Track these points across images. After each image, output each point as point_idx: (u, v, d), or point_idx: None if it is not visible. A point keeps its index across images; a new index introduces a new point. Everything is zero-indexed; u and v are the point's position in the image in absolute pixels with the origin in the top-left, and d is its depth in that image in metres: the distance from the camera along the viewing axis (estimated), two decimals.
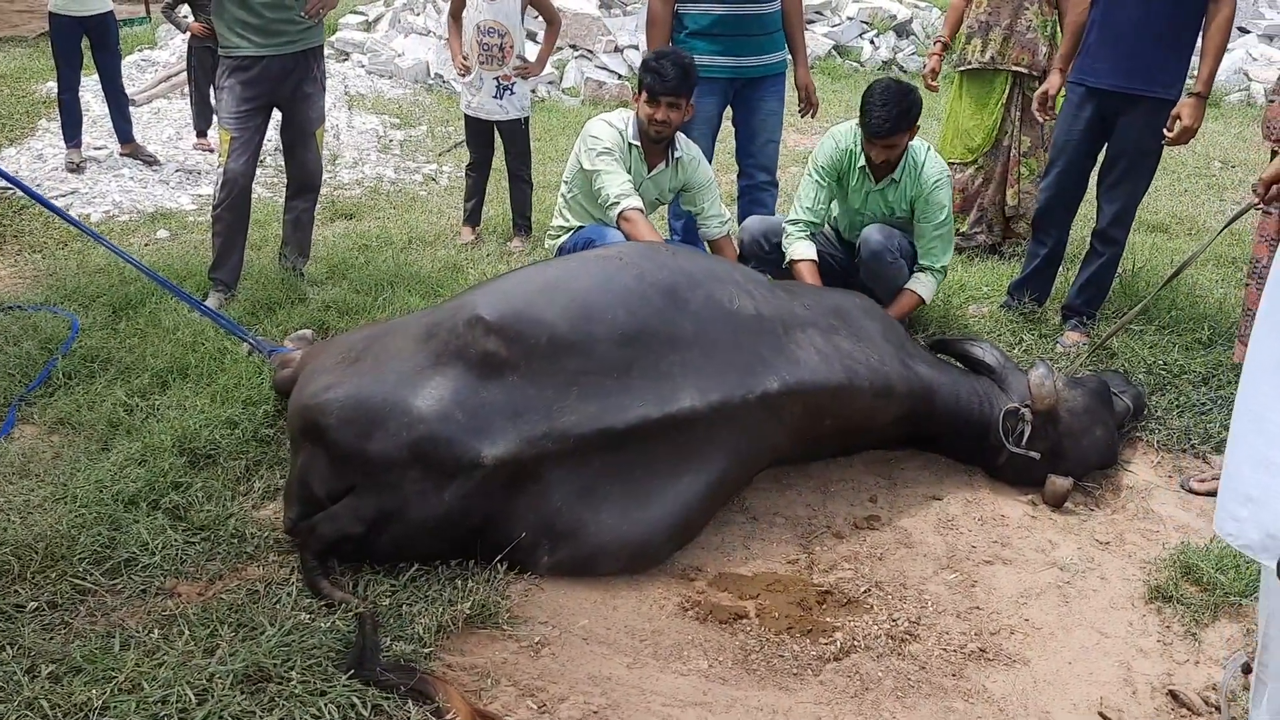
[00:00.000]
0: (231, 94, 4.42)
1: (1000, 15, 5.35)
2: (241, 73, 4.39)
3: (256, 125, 4.52)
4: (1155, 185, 7.29)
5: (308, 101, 4.58)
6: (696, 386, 3.00)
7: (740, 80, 4.70)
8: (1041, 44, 5.33)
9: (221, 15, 4.37)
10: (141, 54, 9.96)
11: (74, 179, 6.77)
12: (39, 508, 3.00)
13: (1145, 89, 4.17)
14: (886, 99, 4.01)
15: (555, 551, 2.89)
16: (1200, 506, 3.54)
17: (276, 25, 4.35)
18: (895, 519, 3.38)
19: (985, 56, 5.42)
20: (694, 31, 4.66)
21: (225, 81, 4.43)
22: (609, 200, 4.11)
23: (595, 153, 4.19)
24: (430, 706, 2.35)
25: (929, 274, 4.31)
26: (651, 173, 4.32)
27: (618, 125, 4.27)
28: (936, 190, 4.22)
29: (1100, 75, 4.28)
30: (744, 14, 4.60)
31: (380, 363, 3.01)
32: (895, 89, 4.04)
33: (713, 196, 4.45)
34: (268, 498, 3.23)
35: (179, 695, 2.28)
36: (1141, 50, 4.15)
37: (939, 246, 4.29)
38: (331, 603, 2.67)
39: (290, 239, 4.85)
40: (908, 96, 4.03)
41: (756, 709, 2.52)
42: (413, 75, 10.26)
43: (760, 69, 4.72)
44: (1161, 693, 2.67)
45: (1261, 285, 3.93)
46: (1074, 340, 4.45)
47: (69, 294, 4.58)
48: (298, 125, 4.62)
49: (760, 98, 4.76)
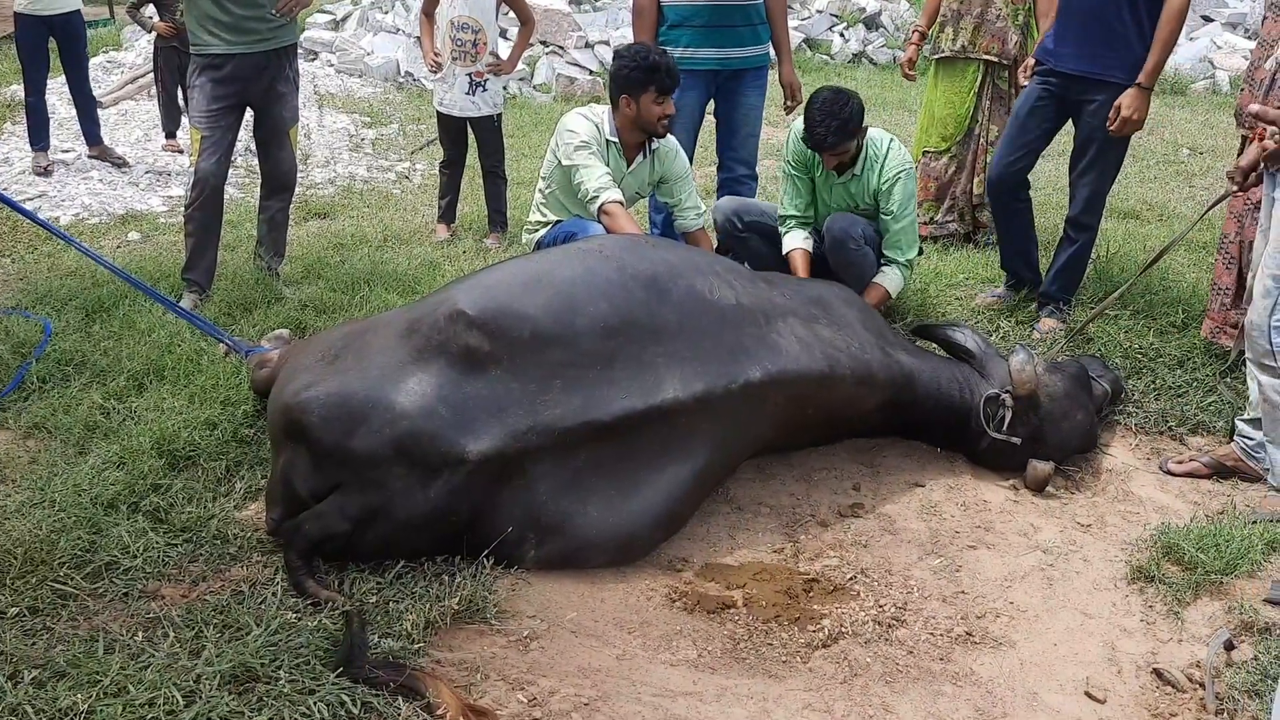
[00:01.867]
0: (203, 92, 4.37)
1: (971, 4, 5.39)
2: (213, 70, 4.35)
3: (229, 124, 4.47)
4: (1125, 173, 7.36)
5: (281, 101, 4.53)
6: (679, 377, 3.00)
7: (724, 73, 4.69)
8: (1012, 32, 5.38)
9: (192, 12, 4.33)
10: (107, 55, 9.85)
11: (41, 182, 6.69)
12: (16, 513, 2.95)
13: (1105, 74, 4.19)
14: (824, 113, 4.05)
15: (542, 545, 2.88)
16: (1178, 488, 3.58)
17: (248, 23, 4.31)
18: (879, 506, 3.40)
19: (956, 45, 5.46)
20: (676, 23, 4.64)
21: (196, 80, 4.38)
22: (589, 194, 4.09)
23: (573, 147, 4.15)
24: (420, 702, 2.34)
25: (895, 267, 4.33)
26: (631, 167, 4.31)
27: (594, 120, 4.23)
28: (896, 183, 4.24)
29: (1062, 59, 4.31)
30: (727, 5, 4.59)
31: (361, 360, 2.98)
32: (832, 102, 4.06)
33: (689, 188, 4.44)
34: (249, 498, 3.20)
35: (166, 697, 2.25)
36: (1102, 35, 4.18)
37: (903, 239, 4.32)
38: (318, 601, 2.65)
39: (265, 239, 4.80)
40: (845, 108, 4.04)
41: (746, 697, 2.53)
42: (383, 74, 10.21)
43: (742, 61, 4.71)
44: (1146, 671, 2.70)
45: (1230, 262, 4.01)
46: (1050, 326, 4.48)
47: (40, 298, 4.52)
48: (271, 124, 4.58)
49: (742, 91, 4.75)
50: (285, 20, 4.41)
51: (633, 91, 4.09)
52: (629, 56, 4.09)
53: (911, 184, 4.30)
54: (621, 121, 4.20)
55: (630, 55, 4.09)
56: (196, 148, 4.42)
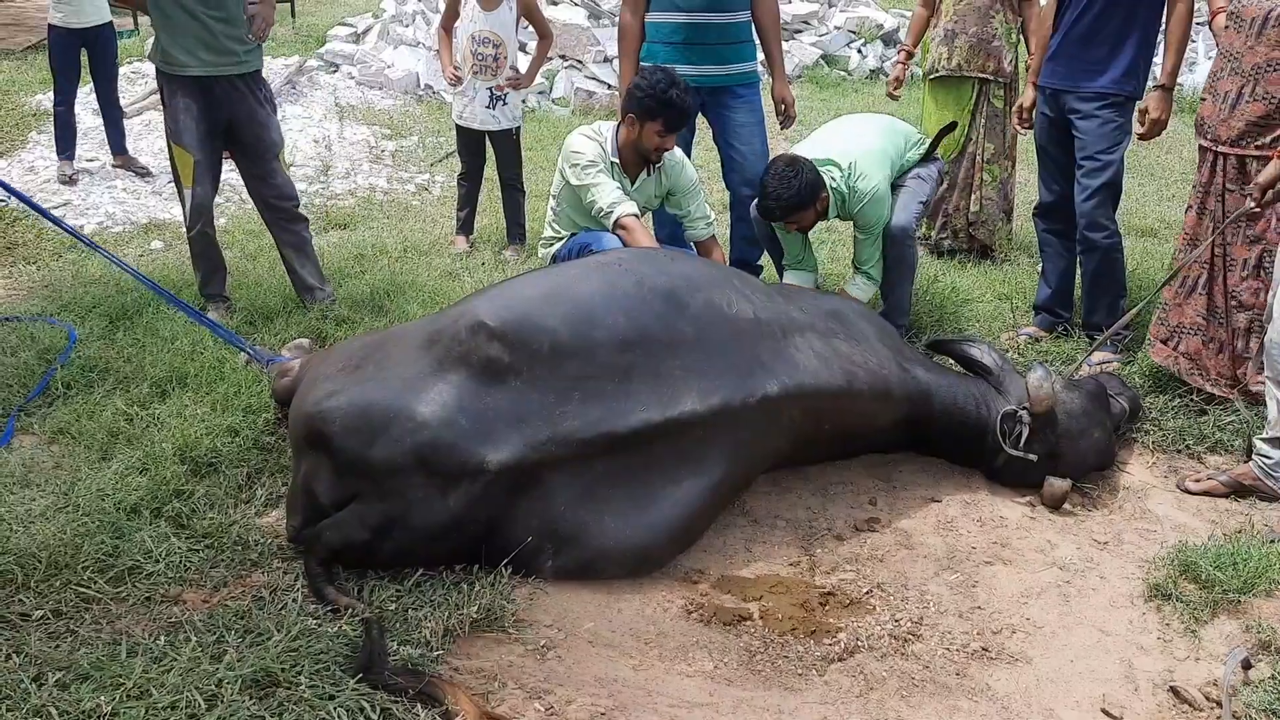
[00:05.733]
0: (190, 115, 4.29)
1: (966, 23, 5.43)
2: (200, 94, 4.29)
3: (216, 147, 4.45)
4: (1143, 190, 7.39)
5: (265, 127, 4.46)
6: (696, 390, 3.02)
7: (704, 90, 4.62)
8: (1006, 51, 5.42)
9: (168, 30, 4.23)
10: (131, 66, 9.95)
11: (66, 191, 6.76)
12: (41, 517, 2.99)
13: (1088, 85, 4.32)
14: (777, 189, 4.13)
15: (559, 556, 2.91)
16: (1196, 506, 3.57)
17: (227, 43, 4.26)
18: (895, 521, 3.41)
19: (952, 64, 5.50)
20: (655, 40, 4.63)
21: (180, 102, 4.30)
22: (603, 209, 4.10)
23: (580, 167, 4.16)
24: (439, 709, 2.36)
25: (864, 277, 4.45)
26: (635, 185, 4.32)
27: (597, 139, 4.21)
28: (866, 209, 4.32)
29: (1048, 76, 4.49)
30: (707, 23, 4.59)
31: (382, 370, 3.02)
32: (782, 176, 4.12)
33: (698, 199, 4.45)
34: (270, 505, 3.23)
35: (188, 700, 2.28)
36: (1081, 48, 4.32)
37: (873, 255, 4.41)
38: (337, 608, 2.67)
39: (301, 266, 4.67)
40: (795, 179, 4.11)
41: (763, 709, 2.53)
42: (403, 86, 10.27)
43: (722, 79, 4.64)
44: (1163, 689, 2.69)
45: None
46: (1102, 359, 4.42)
47: (65, 305, 4.58)
48: (261, 151, 4.48)
49: (729, 109, 4.68)
50: (256, 44, 4.37)
51: (640, 116, 4.09)
52: (650, 84, 4.04)
53: (880, 206, 4.34)
54: (623, 138, 4.20)
55: (651, 83, 4.04)
56: (189, 172, 4.35)
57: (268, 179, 4.54)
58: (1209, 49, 11.60)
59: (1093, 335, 4.48)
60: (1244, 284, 3.89)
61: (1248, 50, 3.75)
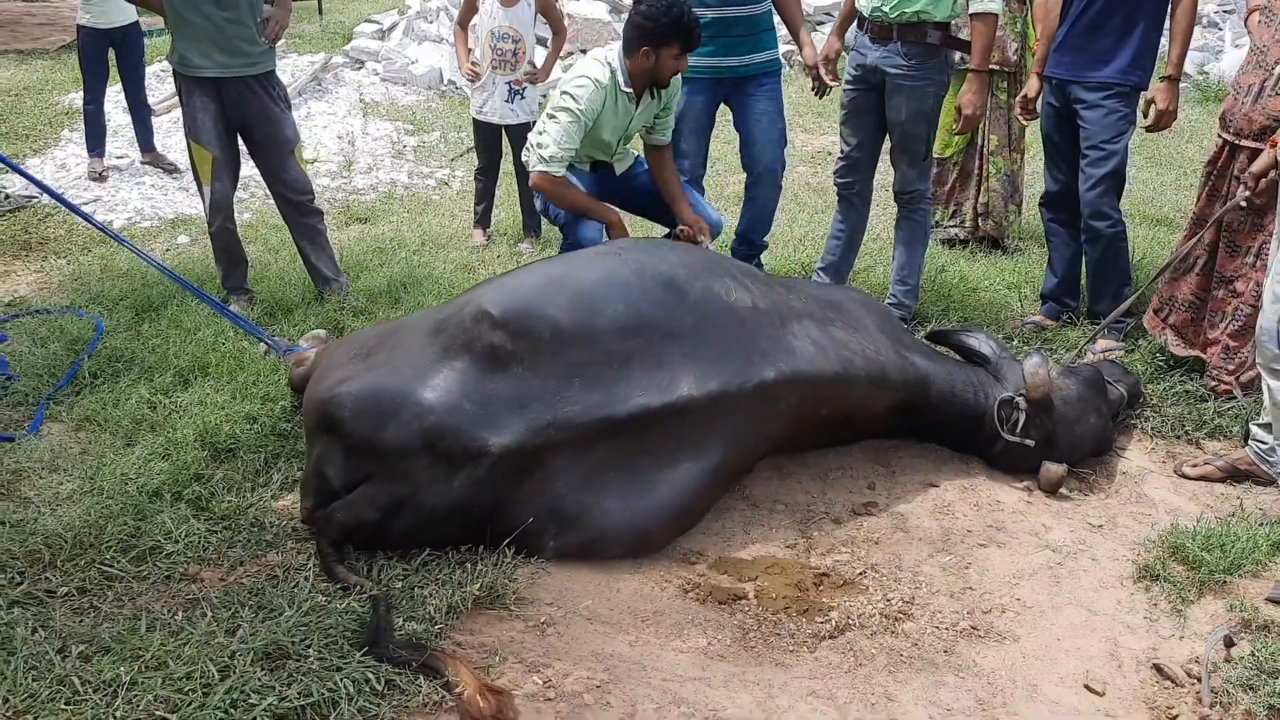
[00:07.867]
0: (207, 114, 4.43)
1: None
2: (216, 94, 4.43)
3: (234, 145, 4.59)
4: (1160, 179, 7.38)
5: (280, 124, 4.59)
6: (695, 376, 3.11)
7: (729, 80, 4.71)
8: (1011, 40, 5.43)
9: (184, 32, 4.37)
10: (161, 64, 10.13)
11: (96, 187, 6.94)
12: (67, 500, 3.14)
13: (1094, 75, 4.36)
14: None
15: (560, 536, 3.01)
16: (1192, 491, 3.62)
17: (240, 45, 4.39)
18: (892, 505, 3.48)
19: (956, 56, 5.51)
20: None
21: (196, 101, 4.43)
22: (543, 148, 4.10)
23: (570, 97, 4.12)
24: (440, 681, 2.47)
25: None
26: (639, 108, 4.32)
27: (604, 84, 4.16)
28: None
29: (1054, 66, 4.53)
30: (735, 16, 4.66)
31: (392, 357, 3.13)
32: None
33: (673, 112, 4.48)
34: (285, 489, 3.36)
35: (203, 671, 2.40)
36: (1087, 39, 4.36)
37: None
38: (347, 586, 2.79)
39: (318, 258, 4.81)
40: None
41: (753, 683, 2.63)
42: (426, 82, 10.39)
43: (746, 69, 4.71)
44: (1146, 666, 2.76)
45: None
46: (1106, 347, 4.45)
47: (93, 297, 4.74)
48: (276, 148, 4.62)
49: (753, 98, 4.77)
50: (268, 46, 4.50)
51: (655, 44, 4.06)
52: (658, 8, 4.01)
53: None
54: (634, 69, 4.17)
55: (660, 7, 4.01)
56: (208, 169, 4.50)
57: (283, 174, 4.68)
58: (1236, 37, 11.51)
59: (1097, 323, 4.52)
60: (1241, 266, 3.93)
61: (1274, 44, 3.76)
